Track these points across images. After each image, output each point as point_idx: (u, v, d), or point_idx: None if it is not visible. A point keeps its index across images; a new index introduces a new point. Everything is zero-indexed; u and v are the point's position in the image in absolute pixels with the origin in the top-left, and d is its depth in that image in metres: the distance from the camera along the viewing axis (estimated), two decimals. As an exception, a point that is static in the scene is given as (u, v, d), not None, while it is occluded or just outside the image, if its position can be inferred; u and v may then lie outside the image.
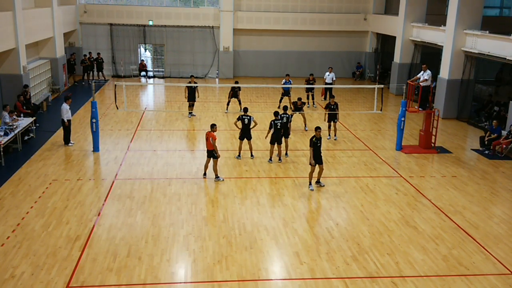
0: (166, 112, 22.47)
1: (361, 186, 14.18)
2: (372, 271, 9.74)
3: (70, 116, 17.15)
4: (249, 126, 15.86)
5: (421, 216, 12.32)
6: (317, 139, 13.44)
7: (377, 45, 32.55)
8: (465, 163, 16.67)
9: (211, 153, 13.99)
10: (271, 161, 15.86)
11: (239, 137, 16.14)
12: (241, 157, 16.11)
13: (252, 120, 15.88)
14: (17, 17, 19.99)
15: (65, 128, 16.96)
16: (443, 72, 22.61)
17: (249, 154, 16.29)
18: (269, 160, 15.89)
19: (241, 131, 15.97)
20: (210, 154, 14.03)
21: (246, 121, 15.80)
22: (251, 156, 16.22)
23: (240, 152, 16.17)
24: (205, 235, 11.00)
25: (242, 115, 15.91)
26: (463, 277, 9.66)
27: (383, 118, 22.28)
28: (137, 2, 31.66)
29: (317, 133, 13.47)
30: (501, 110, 20.67)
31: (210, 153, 14.01)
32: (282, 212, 12.29)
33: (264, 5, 31.57)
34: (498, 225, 12.00)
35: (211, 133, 13.91)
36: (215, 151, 13.93)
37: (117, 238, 10.75)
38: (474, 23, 21.34)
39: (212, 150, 13.92)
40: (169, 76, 31.70)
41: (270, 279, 9.47)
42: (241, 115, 15.97)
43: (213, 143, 13.82)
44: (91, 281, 9.16)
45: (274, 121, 15.59)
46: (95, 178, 14.39)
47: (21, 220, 11.49)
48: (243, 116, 15.85)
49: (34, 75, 23.03)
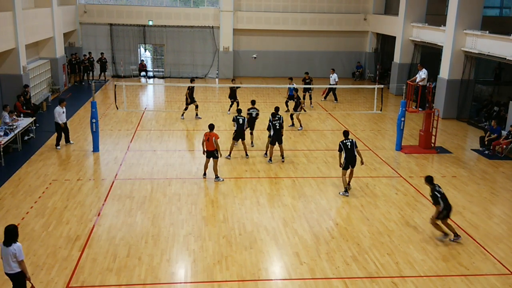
0: (166, 112, 22.47)
1: (361, 186, 14.18)
2: (372, 271, 9.75)
3: (64, 118, 16.84)
4: (243, 127, 15.92)
5: (421, 216, 12.32)
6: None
7: (377, 45, 32.56)
8: (465, 163, 16.67)
9: (211, 153, 13.97)
10: (271, 161, 15.86)
11: (233, 137, 16.19)
12: (231, 157, 16.14)
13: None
14: (17, 17, 20.00)
15: (62, 129, 16.79)
16: (443, 72, 22.62)
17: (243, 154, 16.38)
18: (269, 160, 15.89)
19: (236, 132, 16.05)
20: (211, 154, 14.00)
21: (240, 121, 15.85)
22: (246, 156, 16.28)
23: (231, 152, 16.21)
24: (205, 235, 11.00)
25: (236, 116, 15.99)
26: (463, 277, 9.66)
27: (383, 118, 22.29)
28: (137, 2, 31.66)
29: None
30: (501, 110, 20.68)
31: (211, 153, 13.98)
32: (282, 212, 12.29)
33: (264, 5, 31.57)
34: (498, 225, 12.01)
35: (213, 133, 13.88)
36: (217, 150, 13.91)
37: (117, 238, 10.75)
38: (474, 23, 21.34)
39: (213, 151, 13.89)
40: (169, 76, 31.71)
41: (270, 279, 9.47)
42: (235, 116, 16.07)
43: (216, 143, 13.80)
44: (91, 281, 9.17)
45: (272, 122, 15.61)
46: (95, 178, 14.39)
47: (21, 220, 11.49)
48: (237, 117, 15.92)
49: (34, 75, 23.03)
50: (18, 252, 7.78)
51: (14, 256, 7.75)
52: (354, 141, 13.27)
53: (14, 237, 7.82)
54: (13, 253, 7.75)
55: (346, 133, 13.47)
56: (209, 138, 13.82)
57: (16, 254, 7.76)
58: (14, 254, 7.75)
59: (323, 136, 19.22)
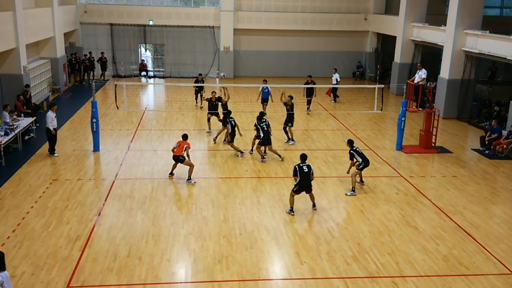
0: (167, 112, 22.46)
1: (361, 186, 14.17)
2: (373, 271, 9.74)
3: (55, 124, 15.99)
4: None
5: (421, 216, 12.32)
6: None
7: (377, 45, 32.56)
8: (465, 163, 16.66)
9: (177, 157, 13.88)
10: (264, 159, 15.90)
11: (229, 140, 16.53)
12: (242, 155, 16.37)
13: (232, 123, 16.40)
14: (17, 17, 20.00)
15: (51, 137, 15.89)
16: (443, 72, 22.61)
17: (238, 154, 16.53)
18: (262, 158, 15.93)
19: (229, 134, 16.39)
20: (177, 158, 13.91)
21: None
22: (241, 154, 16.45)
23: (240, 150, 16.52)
24: (206, 235, 11.00)
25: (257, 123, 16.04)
26: (463, 277, 9.65)
27: (384, 118, 22.28)
28: (138, 2, 31.67)
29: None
30: (501, 110, 20.67)
31: (177, 157, 13.88)
32: (282, 212, 12.29)
33: (264, 5, 31.58)
34: (499, 225, 12.00)
35: (186, 142, 13.95)
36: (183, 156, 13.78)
37: (117, 238, 10.75)
38: (474, 23, 21.33)
39: (179, 156, 13.80)
40: (170, 76, 31.73)
41: (270, 279, 9.47)
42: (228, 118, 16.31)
43: (187, 151, 13.82)
44: (92, 281, 9.16)
45: (259, 125, 15.72)
46: (96, 178, 14.39)
47: (22, 220, 11.49)
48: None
49: (35, 75, 23.03)
50: (6, 280, 6.97)
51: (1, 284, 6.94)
52: (311, 167, 12.08)
53: (1, 265, 7.06)
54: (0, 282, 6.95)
55: (304, 156, 12.24)
56: (181, 145, 13.88)
57: (4, 283, 6.96)
58: (1, 283, 6.95)
59: (323, 136, 19.22)
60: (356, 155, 13.56)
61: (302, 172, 11.92)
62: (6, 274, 7.06)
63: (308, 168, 12.00)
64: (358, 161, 13.50)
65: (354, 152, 13.58)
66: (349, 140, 13.93)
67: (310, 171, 12.01)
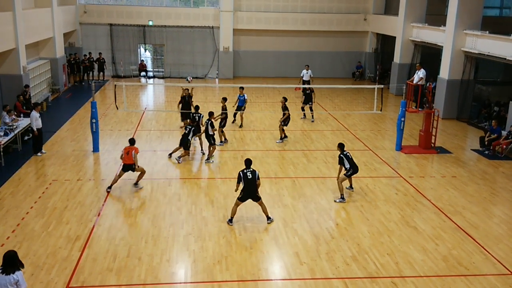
0: (166, 112, 22.46)
1: (361, 186, 14.17)
2: (372, 271, 9.74)
3: (40, 124, 15.84)
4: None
5: (421, 216, 12.32)
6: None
7: (377, 45, 32.57)
8: (465, 163, 16.67)
9: (129, 167, 13.23)
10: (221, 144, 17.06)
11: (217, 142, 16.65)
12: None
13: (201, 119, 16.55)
14: (17, 17, 20.00)
15: (35, 137, 15.84)
16: (443, 72, 22.62)
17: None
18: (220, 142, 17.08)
19: None
20: (129, 168, 13.25)
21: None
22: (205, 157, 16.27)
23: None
24: (205, 235, 11.00)
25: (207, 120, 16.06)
26: (463, 277, 9.66)
27: (383, 118, 22.29)
28: (137, 2, 31.67)
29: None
30: (500, 110, 20.68)
31: (129, 167, 13.23)
32: (282, 212, 12.29)
33: (264, 5, 31.58)
34: (498, 225, 12.00)
35: (134, 147, 13.34)
36: (135, 164, 13.27)
37: (117, 238, 10.75)
38: (474, 23, 21.34)
39: (131, 164, 13.22)
40: (169, 76, 31.72)
41: (270, 279, 9.47)
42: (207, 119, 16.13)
43: (135, 157, 13.20)
44: (91, 281, 9.16)
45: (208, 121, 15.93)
46: (95, 178, 14.39)
47: (21, 220, 11.49)
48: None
49: (34, 75, 23.04)
50: (21, 279, 7.13)
51: (16, 283, 7.09)
52: (257, 172, 11.40)
53: (15, 264, 7.17)
54: (14, 280, 7.07)
55: (248, 162, 11.57)
56: (129, 152, 13.21)
57: (19, 281, 7.10)
58: (16, 282, 7.08)
59: (323, 136, 19.22)
60: (345, 160, 13.01)
61: (246, 179, 11.22)
62: (21, 273, 7.20)
63: (253, 174, 11.24)
64: (346, 167, 12.99)
65: (344, 156, 13.03)
66: (340, 143, 13.51)
67: (255, 177, 11.28)
